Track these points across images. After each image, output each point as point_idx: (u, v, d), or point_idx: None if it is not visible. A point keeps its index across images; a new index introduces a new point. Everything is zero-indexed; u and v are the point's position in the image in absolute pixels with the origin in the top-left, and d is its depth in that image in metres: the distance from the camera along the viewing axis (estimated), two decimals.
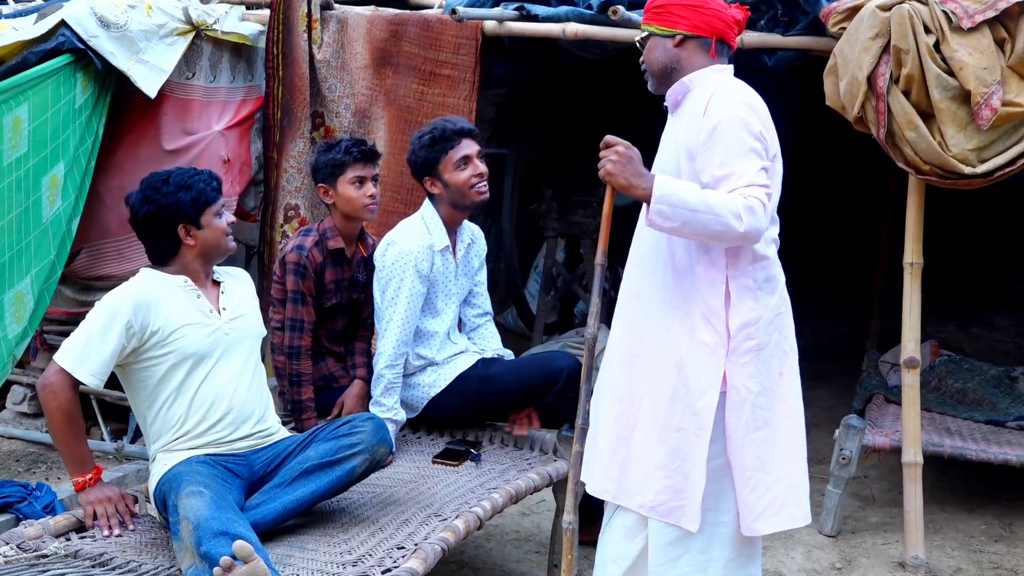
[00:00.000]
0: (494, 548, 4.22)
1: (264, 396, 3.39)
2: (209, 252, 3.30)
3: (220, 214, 3.29)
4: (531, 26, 4.56)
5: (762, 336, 2.90)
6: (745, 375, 2.88)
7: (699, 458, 2.88)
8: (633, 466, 2.98)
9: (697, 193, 2.72)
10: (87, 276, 4.70)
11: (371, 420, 3.29)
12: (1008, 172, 3.87)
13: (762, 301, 2.90)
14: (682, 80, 2.96)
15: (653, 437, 2.94)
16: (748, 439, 2.90)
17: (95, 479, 3.14)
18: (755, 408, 2.90)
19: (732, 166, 2.75)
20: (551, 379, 3.85)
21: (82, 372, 3.06)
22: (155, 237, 3.30)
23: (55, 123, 4.16)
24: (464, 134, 3.80)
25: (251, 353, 3.36)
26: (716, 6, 2.96)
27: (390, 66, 4.78)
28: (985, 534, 4.43)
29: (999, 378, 5.38)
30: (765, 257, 2.91)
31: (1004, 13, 3.77)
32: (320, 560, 2.96)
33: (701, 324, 2.88)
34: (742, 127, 2.78)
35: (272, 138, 4.81)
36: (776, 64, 4.47)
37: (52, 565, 2.85)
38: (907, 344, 4.14)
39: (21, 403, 5.21)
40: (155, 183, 3.26)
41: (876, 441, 4.39)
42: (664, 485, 2.91)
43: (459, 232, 3.94)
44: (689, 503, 2.89)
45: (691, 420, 2.89)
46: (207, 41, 4.69)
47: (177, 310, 3.19)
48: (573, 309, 7.08)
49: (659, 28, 2.97)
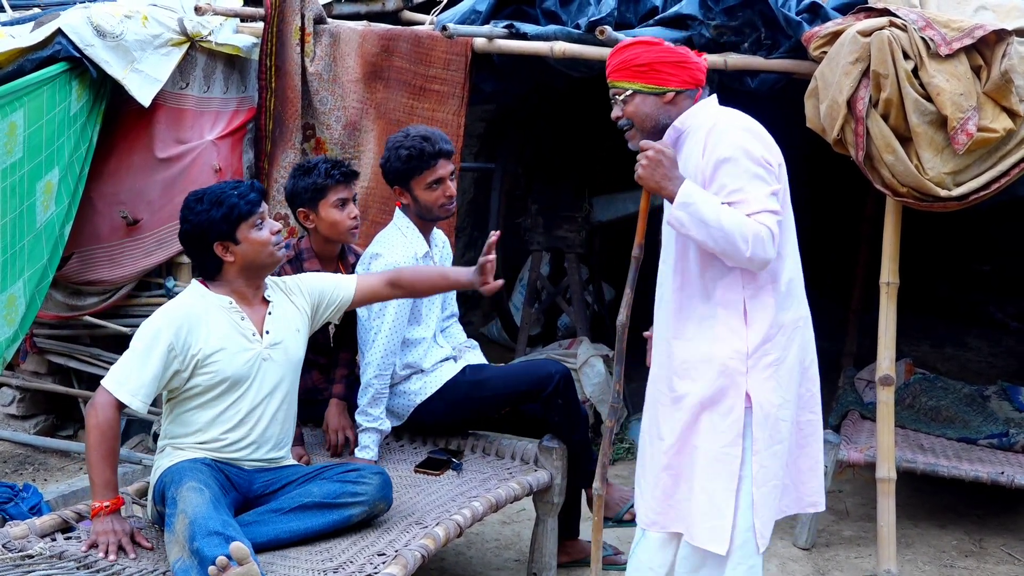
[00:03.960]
0: (474, 556, 4.27)
1: (289, 425, 3.36)
2: (252, 266, 3.22)
3: (259, 226, 3.20)
4: (520, 44, 4.61)
5: (780, 351, 2.99)
6: (767, 390, 2.98)
7: (730, 479, 2.97)
8: (674, 493, 3.08)
9: (716, 210, 2.83)
10: (78, 281, 4.73)
11: (380, 475, 3.29)
12: (983, 196, 3.94)
13: (780, 317, 3.00)
14: (674, 125, 3.04)
15: (687, 464, 3.04)
16: (771, 452, 2.99)
17: (112, 508, 3.05)
18: (778, 421, 3.00)
19: (742, 193, 2.86)
20: (540, 385, 3.86)
21: (123, 393, 3.03)
22: (196, 256, 3.25)
23: (50, 129, 4.21)
24: (441, 155, 3.78)
25: (285, 379, 3.30)
26: (691, 56, 3.05)
27: (381, 80, 4.84)
28: (956, 549, 4.50)
29: (972, 397, 5.45)
30: (783, 284, 3.01)
31: (981, 41, 3.83)
32: (302, 567, 2.99)
33: (721, 345, 2.98)
34: (744, 155, 2.88)
35: (264, 148, 4.86)
36: (759, 86, 4.55)
37: (37, 565, 2.87)
38: (882, 362, 4.20)
39: (10, 405, 5.23)
40: (190, 202, 3.20)
41: (851, 456, 4.46)
42: (697, 510, 3.01)
43: (432, 237, 3.98)
44: (719, 525, 2.98)
45: (718, 440, 2.98)
46: (201, 52, 4.74)
47: (217, 333, 3.15)
48: (556, 322, 7.14)
49: (649, 87, 3.01)
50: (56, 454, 5.08)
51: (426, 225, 3.91)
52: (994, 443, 4.91)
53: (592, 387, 5.50)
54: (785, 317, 3.01)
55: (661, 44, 3.04)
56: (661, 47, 3.03)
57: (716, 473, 2.98)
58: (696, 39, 4.43)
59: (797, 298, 3.08)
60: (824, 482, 3.03)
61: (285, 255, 3.33)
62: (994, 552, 4.48)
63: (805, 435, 3.15)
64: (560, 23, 4.67)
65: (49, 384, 5.16)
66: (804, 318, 3.10)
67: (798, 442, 3.14)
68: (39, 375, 5.18)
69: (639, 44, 3.05)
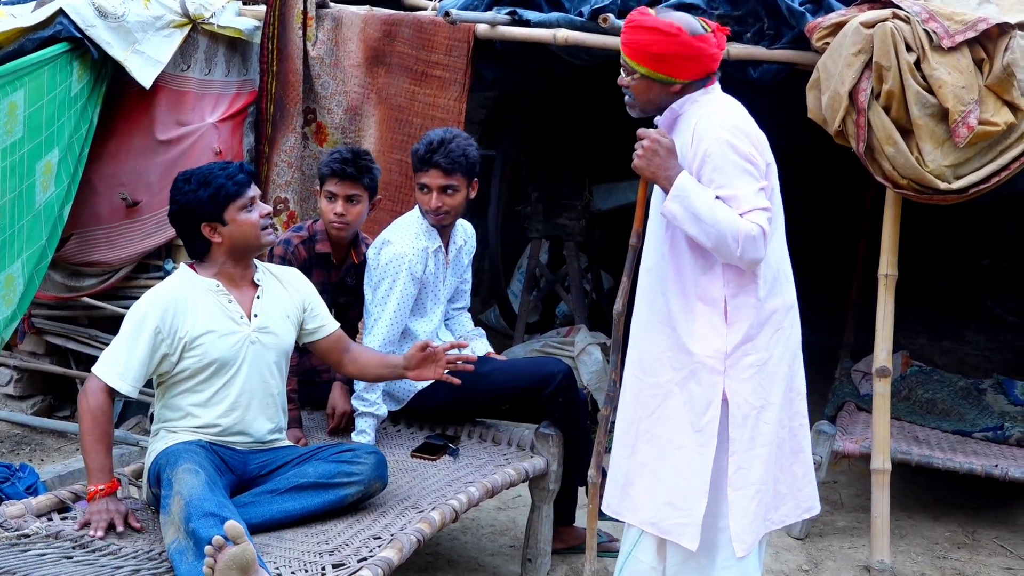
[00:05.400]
0: (469, 541, 4.28)
1: (278, 407, 3.35)
2: (239, 248, 3.21)
3: (249, 208, 3.18)
4: (523, 31, 4.61)
5: (762, 351, 2.96)
6: (747, 391, 2.94)
7: (701, 477, 2.94)
8: (635, 483, 3.05)
9: (709, 205, 2.81)
10: (76, 262, 4.74)
11: (374, 455, 3.28)
12: (983, 189, 3.94)
13: (761, 318, 2.96)
14: (671, 107, 3.01)
15: (652, 455, 3.02)
16: (751, 455, 2.96)
17: (107, 492, 3.03)
18: (759, 423, 2.96)
19: (730, 189, 2.84)
20: (542, 383, 3.85)
21: (112, 377, 3.03)
22: (185, 236, 3.24)
23: (51, 110, 4.20)
24: (430, 165, 3.73)
25: (274, 364, 3.29)
26: (709, 48, 2.94)
27: (383, 65, 4.83)
28: (949, 541, 4.52)
29: (968, 390, 5.47)
30: (767, 272, 2.97)
31: (983, 34, 3.84)
32: (298, 549, 3.00)
33: (699, 342, 2.95)
34: (730, 150, 2.85)
35: (264, 132, 4.86)
36: (760, 76, 4.54)
37: (33, 544, 2.88)
38: (879, 354, 4.21)
39: (7, 385, 5.24)
40: (179, 182, 3.19)
41: (846, 447, 4.48)
42: (663, 501, 2.98)
43: (453, 233, 3.95)
44: (689, 521, 2.95)
45: (692, 438, 2.95)
46: (203, 34, 4.74)
47: (204, 316, 3.14)
48: (555, 309, 7.15)
49: (659, 75, 2.94)
50: (53, 434, 5.09)
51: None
52: (989, 436, 4.93)
53: (589, 375, 5.50)
54: (769, 306, 2.97)
55: (679, 35, 2.90)
56: (679, 39, 2.90)
57: (689, 469, 2.95)
58: None
59: (783, 286, 3.04)
60: (819, 476, 3.07)
61: (274, 239, 3.31)
62: (987, 544, 4.50)
63: (798, 439, 3.11)
64: (563, 10, 4.66)
65: (47, 365, 5.17)
66: (790, 306, 3.05)
67: (792, 448, 3.09)
68: (37, 355, 5.19)
69: (657, 32, 2.91)
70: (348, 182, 3.78)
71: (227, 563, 2.58)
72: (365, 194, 3.83)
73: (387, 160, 4.72)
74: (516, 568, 4.00)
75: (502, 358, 4.16)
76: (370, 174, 3.83)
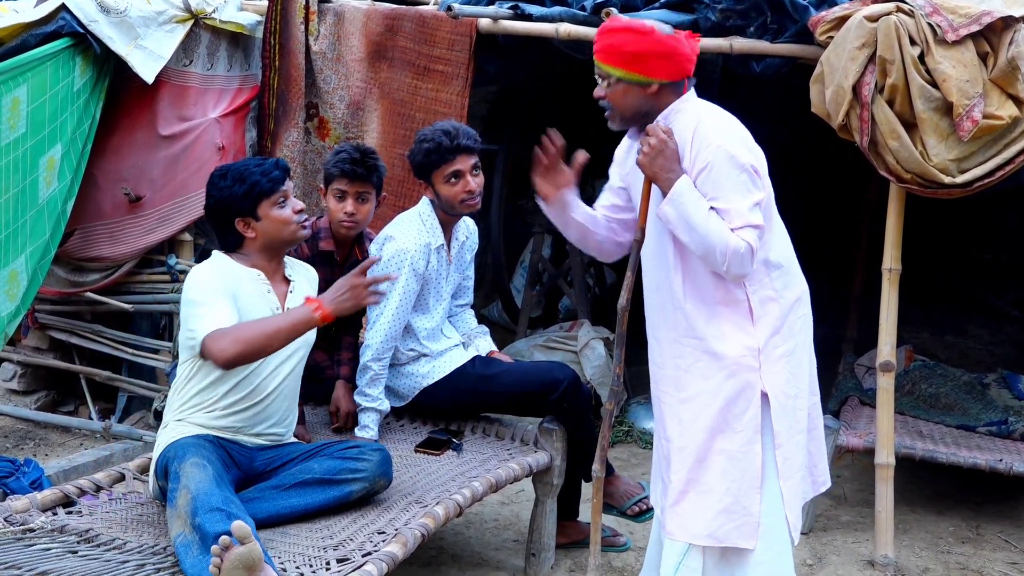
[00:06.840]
0: (473, 536, 4.29)
1: (293, 403, 3.38)
2: (272, 243, 3.25)
3: (282, 204, 3.22)
4: (525, 25, 4.60)
5: (789, 341, 3.00)
6: (781, 382, 2.98)
7: (751, 474, 2.96)
8: (681, 501, 3.03)
9: (704, 215, 2.83)
10: (80, 257, 4.74)
11: (380, 452, 3.30)
12: (987, 183, 3.93)
13: (784, 308, 3.00)
14: (660, 118, 2.99)
15: (695, 468, 3.01)
16: (793, 443, 3.00)
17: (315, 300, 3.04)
18: (795, 411, 3.01)
19: (725, 202, 2.85)
20: (549, 388, 3.85)
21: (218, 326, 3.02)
22: (220, 230, 3.28)
23: (53, 105, 4.20)
24: (460, 150, 3.75)
25: (297, 358, 3.32)
26: (684, 50, 2.95)
27: (385, 60, 4.83)
28: (953, 535, 4.52)
29: (971, 384, 5.46)
30: (779, 265, 3.01)
31: (988, 28, 3.82)
32: (302, 544, 3.01)
33: (729, 344, 2.96)
34: (730, 162, 2.86)
35: (267, 127, 4.86)
36: (764, 70, 4.53)
37: (38, 539, 2.89)
38: (883, 348, 4.21)
39: (11, 380, 5.24)
40: (215, 177, 3.24)
41: (850, 442, 4.48)
42: (717, 511, 2.98)
43: (455, 229, 3.96)
44: (745, 522, 2.96)
45: (730, 441, 2.97)
46: (205, 29, 4.74)
47: (248, 303, 3.17)
48: (558, 304, 7.15)
49: (634, 76, 2.93)
50: (57, 429, 5.10)
51: (449, 219, 3.90)
52: (993, 431, 4.92)
53: (592, 370, 5.50)
54: (788, 296, 3.02)
55: (652, 33, 2.90)
56: (651, 37, 2.90)
57: (736, 471, 2.96)
58: (702, 22, 4.41)
59: (795, 275, 3.08)
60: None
61: (307, 234, 3.35)
62: (991, 539, 4.50)
63: (812, 418, 3.15)
64: (566, 5, 4.65)
65: (50, 360, 5.17)
66: (805, 292, 3.11)
67: (808, 427, 3.13)
68: (40, 351, 5.19)
69: (629, 31, 2.93)
70: (358, 181, 3.79)
71: (233, 563, 2.59)
72: (374, 192, 3.85)
73: (389, 155, 4.71)
74: (520, 562, 4.01)
75: (508, 359, 4.16)
76: (378, 172, 3.85)
